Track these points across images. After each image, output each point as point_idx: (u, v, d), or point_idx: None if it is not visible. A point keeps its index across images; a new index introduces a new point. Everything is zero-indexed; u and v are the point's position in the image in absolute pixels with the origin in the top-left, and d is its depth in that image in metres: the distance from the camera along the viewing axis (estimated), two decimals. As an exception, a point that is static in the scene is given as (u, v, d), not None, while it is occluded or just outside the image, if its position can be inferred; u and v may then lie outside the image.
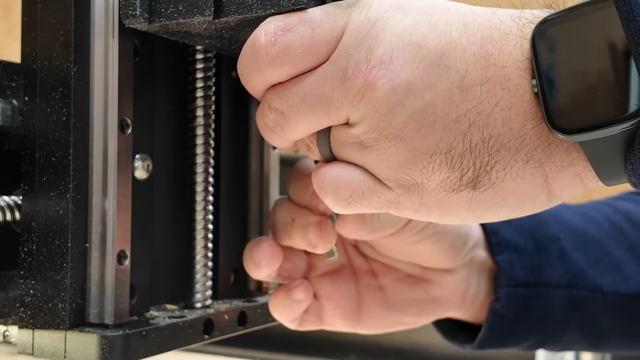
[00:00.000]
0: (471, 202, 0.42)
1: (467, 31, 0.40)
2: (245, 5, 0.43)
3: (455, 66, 0.40)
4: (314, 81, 0.42)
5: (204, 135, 0.53)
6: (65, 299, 0.44)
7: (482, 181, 0.41)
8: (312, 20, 0.42)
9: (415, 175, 0.42)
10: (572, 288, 0.64)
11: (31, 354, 0.45)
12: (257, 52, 0.42)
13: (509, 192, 0.42)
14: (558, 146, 0.40)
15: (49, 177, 0.45)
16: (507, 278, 0.61)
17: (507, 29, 0.40)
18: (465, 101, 0.40)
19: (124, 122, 0.46)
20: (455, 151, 0.41)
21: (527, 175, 0.41)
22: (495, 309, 0.61)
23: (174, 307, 0.53)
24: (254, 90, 0.45)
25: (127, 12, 0.45)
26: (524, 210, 0.43)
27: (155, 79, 0.51)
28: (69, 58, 0.44)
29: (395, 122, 0.41)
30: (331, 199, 0.44)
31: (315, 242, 0.53)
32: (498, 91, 0.40)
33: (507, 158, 0.40)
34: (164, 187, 0.53)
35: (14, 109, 0.47)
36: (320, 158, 0.45)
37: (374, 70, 0.40)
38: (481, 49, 0.40)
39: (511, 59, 0.40)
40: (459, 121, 0.40)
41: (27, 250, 0.45)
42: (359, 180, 0.43)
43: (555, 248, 0.64)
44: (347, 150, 0.43)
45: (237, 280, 0.58)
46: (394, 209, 0.44)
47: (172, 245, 0.53)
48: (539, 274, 0.63)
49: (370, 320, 0.60)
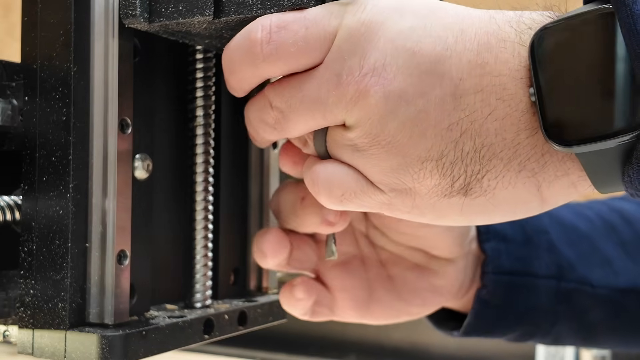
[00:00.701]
0: (463, 207, 0.42)
1: (463, 37, 0.40)
2: (245, 5, 0.43)
3: (450, 74, 0.40)
4: (311, 83, 0.42)
5: (204, 135, 0.53)
6: (65, 298, 0.44)
7: (474, 188, 0.41)
8: (306, 19, 0.42)
9: (406, 180, 0.42)
10: (560, 280, 0.63)
11: (31, 354, 0.45)
12: (252, 46, 0.42)
13: (501, 200, 0.42)
14: (552, 156, 0.40)
15: (49, 177, 0.45)
16: (493, 265, 0.61)
17: (505, 36, 0.40)
18: (458, 110, 0.40)
19: (124, 122, 0.46)
20: (447, 159, 0.41)
21: (519, 184, 0.41)
22: (481, 296, 0.61)
23: (173, 307, 0.53)
24: (239, 81, 0.45)
25: (127, 11, 0.45)
26: (516, 215, 0.43)
27: (155, 79, 0.51)
28: (69, 58, 0.44)
29: (387, 129, 0.41)
30: (324, 196, 0.44)
31: (334, 219, 0.52)
32: (492, 101, 0.39)
33: (499, 167, 0.40)
34: (164, 187, 0.53)
35: (14, 109, 0.47)
36: (315, 153, 0.46)
37: (366, 77, 0.40)
38: (477, 57, 0.39)
39: (508, 67, 0.39)
40: (451, 129, 0.40)
41: (27, 250, 0.45)
42: (351, 181, 0.43)
43: (544, 240, 0.64)
44: (342, 151, 0.43)
45: (237, 280, 0.58)
46: (387, 210, 0.44)
47: (172, 245, 0.53)
48: (525, 264, 0.63)
49: (380, 310, 0.60)
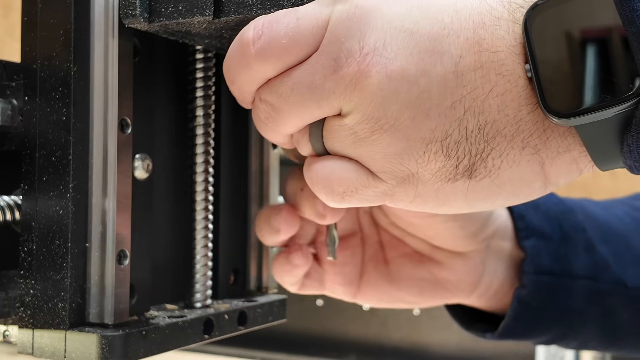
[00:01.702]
0: (467, 192, 0.42)
1: (458, 17, 0.40)
2: (245, 5, 0.43)
3: (449, 52, 0.40)
4: (304, 71, 0.41)
5: (204, 135, 0.53)
6: (65, 298, 0.44)
7: (478, 169, 0.41)
8: (297, 11, 0.42)
9: (410, 165, 0.41)
10: (595, 280, 0.63)
11: (31, 354, 0.45)
12: (243, 47, 0.42)
13: (505, 180, 0.41)
14: (554, 132, 0.40)
15: (49, 177, 0.45)
16: (534, 265, 0.60)
17: (498, 14, 0.40)
18: (460, 87, 0.40)
19: (124, 122, 0.46)
20: (451, 139, 0.40)
21: (523, 162, 0.41)
22: (521, 296, 0.60)
23: (173, 307, 0.53)
24: (240, 90, 0.45)
25: (127, 11, 0.45)
26: (520, 198, 0.43)
27: (155, 79, 0.51)
28: (68, 58, 0.44)
29: (390, 111, 0.40)
30: (325, 194, 0.44)
31: (323, 212, 0.54)
32: (492, 76, 0.39)
33: (503, 145, 0.40)
34: (164, 186, 0.53)
35: (14, 109, 0.47)
36: (312, 152, 0.45)
37: (367, 57, 0.40)
38: (474, 34, 0.40)
39: (504, 43, 0.39)
40: (454, 108, 0.40)
41: (27, 250, 0.45)
42: (352, 176, 0.43)
43: (582, 239, 0.63)
44: (341, 142, 0.42)
45: (237, 280, 0.58)
46: (389, 201, 0.44)
47: (172, 245, 0.53)
48: (564, 264, 0.62)
49: (370, 291, 0.60)
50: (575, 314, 0.63)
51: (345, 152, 0.43)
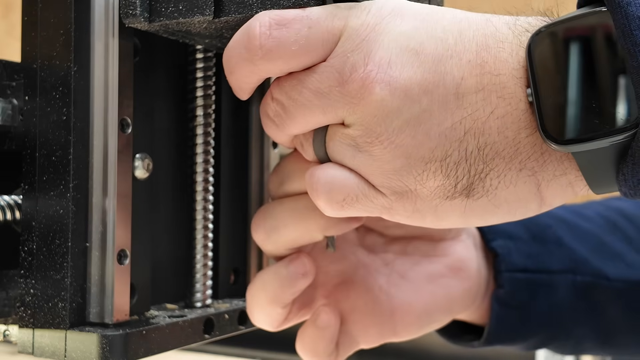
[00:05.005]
0: (465, 209, 0.42)
1: (462, 38, 0.40)
2: (245, 4, 0.43)
3: (452, 73, 0.40)
4: (313, 77, 0.42)
5: (204, 134, 0.53)
6: (66, 298, 0.44)
7: (476, 189, 0.41)
8: (310, 19, 0.42)
9: (409, 182, 0.42)
10: (575, 274, 0.62)
11: (31, 354, 0.45)
12: (250, 42, 0.42)
13: (502, 200, 0.42)
14: (551, 155, 0.40)
15: (49, 177, 0.45)
16: (505, 263, 0.60)
17: (503, 37, 0.40)
18: (460, 108, 0.40)
19: (124, 122, 0.46)
20: (451, 159, 0.41)
21: (520, 184, 0.41)
22: (499, 296, 0.60)
23: (174, 307, 0.53)
24: (238, 81, 0.45)
25: (127, 11, 0.45)
26: (515, 217, 0.43)
27: (155, 79, 0.51)
28: (69, 57, 0.44)
29: (391, 128, 0.41)
30: (324, 201, 0.44)
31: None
32: (494, 99, 0.40)
33: (502, 166, 0.41)
34: (164, 186, 0.53)
35: (14, 109, 0.47)
36: (315, 159, 0.45)
37: (371, 73, 0.40)
38: (477, 57, 0.40)
39: (507, 66, 0.40)
40: (454, 129, 0.40)
41: (28, 249, 0.45)
42: (352, 184, 0.43)
43: (552, 237, 0.63)
44: (342, 151, 0.43)
45: (237, 280, 0.58)
46: (387, 214, 0.44)
47: (172, 245, 0.53)
48: (538, 260, 0.61)
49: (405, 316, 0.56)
50: (562, 312, 0.62)
51: (345, 162, 0.43)
